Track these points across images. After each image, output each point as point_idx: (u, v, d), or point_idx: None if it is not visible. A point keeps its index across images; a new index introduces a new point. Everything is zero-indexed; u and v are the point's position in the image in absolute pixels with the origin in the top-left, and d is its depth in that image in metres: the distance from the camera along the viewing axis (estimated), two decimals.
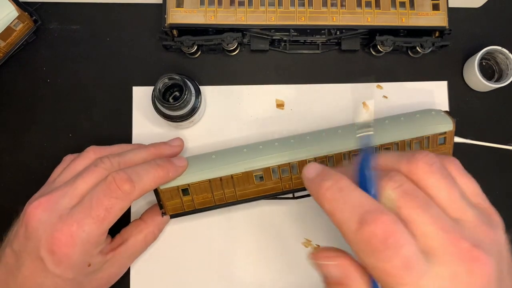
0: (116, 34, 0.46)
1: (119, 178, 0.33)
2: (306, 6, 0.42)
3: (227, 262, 0.42)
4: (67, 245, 0.32)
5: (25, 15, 0.42)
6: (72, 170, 0.36)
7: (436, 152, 0.40)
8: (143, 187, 0.35)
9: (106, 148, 0.39)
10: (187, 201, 0.38)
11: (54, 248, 0.32)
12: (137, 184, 0.34)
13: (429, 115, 0.40)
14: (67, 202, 0.34)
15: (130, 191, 0.34)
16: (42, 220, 0.33)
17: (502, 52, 0.44)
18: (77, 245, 0.33)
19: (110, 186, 0.33)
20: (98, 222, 0.33)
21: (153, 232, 0.40)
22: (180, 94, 0.40)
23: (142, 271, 0.42)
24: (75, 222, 0.33)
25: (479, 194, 0.29)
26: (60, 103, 0.44)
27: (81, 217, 0.33)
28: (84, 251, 0.33)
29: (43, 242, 0.32)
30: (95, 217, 0.33)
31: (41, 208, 0.33)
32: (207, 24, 0.41)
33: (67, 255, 0.32)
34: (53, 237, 0.32)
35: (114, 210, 0.33)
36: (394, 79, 0.46)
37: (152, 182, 0.35)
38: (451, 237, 0.24)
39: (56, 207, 0.33)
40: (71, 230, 0.32)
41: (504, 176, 0.46)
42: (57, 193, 0.34)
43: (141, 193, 0.35)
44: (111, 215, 0.33)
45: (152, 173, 0.35)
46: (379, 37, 0.43)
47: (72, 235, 0.32)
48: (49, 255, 0.32)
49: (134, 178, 0.34)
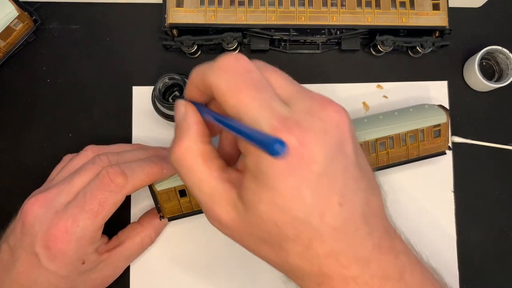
0: (116, 34, 0.46)
1: (112, 171, 0.33)
2: (306, 6, 0.42)
3: (227, 262, 0.42)
4: (62, 241, 0.32)
5: (25, 15, 0.42)
6: (70, 168, 0.37)
7: (432, 145, 0.41)
8: (136, 181, 0.35)
9: (105, 147, 0.39)
10: (184, 202, 0.38)
11: (49, 243, 0.32)
12: (131, 178, 0.34)
13: (423, 108, 0.41)
14: (64, 198, 0.34)
15: (123, 184, 0.34)
16: (39, 216, 0.33)
17: (502, 52, 0.44)
18: (72, 241, 0.33)
19: (103, 180, 0.33)
20: (92, 217, 0.33)
21: (150, 235, 0.40)
22: (180, 94, 0.40)
23: (142, 271, 0.42)
24: (70, 217, 0.33)
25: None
26: (60, 103, 0.44)
27: (76, 212, 0.33)
28: (79, 247, 0.33)
29: (38, 237, 0.33)
30: (89, 211, 0.33)
31: (37, 204, 0.33)
32: (207, 24, 0.41)
33: (62, 251, 0.33)
34: (48, 233, 0.32)
35: (107, 203, 0.33)
36: (394, 79, 0.46)
37: (146, 177, 0.35)
38: (303, 89, 0.26)
39: (53, 204, 0.34)
40: (66, 225, 0.33)
41: (504, 176, 0.46)
42: (54, 190, 0.34)
43: (134, 187, 0.35)
44: (105, 209, 0.33)
45: (146, 169, 0.35)
46: (379, 37, 0.43)
47: (67, 231, 0.33)
48: (44, 251, 0.33)
49: (127, 172, 0.34)
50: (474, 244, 0.44)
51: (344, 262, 0.25)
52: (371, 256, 0.26)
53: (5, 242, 0.35)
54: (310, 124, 0.24)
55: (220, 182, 0.26)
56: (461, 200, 0.45)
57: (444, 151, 0.42)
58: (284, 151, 0.22)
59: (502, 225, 0.45)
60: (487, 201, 0.45)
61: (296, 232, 0.24)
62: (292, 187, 0.23)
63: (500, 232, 0.45)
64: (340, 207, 0.24)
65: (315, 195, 0.24)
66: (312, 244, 0.24)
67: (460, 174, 0.45)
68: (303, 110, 0.25)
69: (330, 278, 0.25)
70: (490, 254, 0.44)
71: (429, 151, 0.41)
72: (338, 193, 0.24)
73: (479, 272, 0.44)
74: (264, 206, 0.24)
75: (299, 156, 0.23)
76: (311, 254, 0.25)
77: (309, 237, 0.24)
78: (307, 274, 0.26)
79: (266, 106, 0.24)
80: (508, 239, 0.45)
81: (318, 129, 0.24)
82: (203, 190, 0.27)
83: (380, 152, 0.40)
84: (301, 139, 0.23)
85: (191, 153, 0.27)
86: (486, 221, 0.45)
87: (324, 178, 0.24)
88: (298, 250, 0.25)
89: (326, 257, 0.25)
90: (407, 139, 0.40)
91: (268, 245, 0.26)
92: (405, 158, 0.41)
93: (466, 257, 0.44)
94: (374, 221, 0.26)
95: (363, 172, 0.26)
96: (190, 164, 0.27)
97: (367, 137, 0.39)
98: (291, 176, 0.23)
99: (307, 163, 0.23)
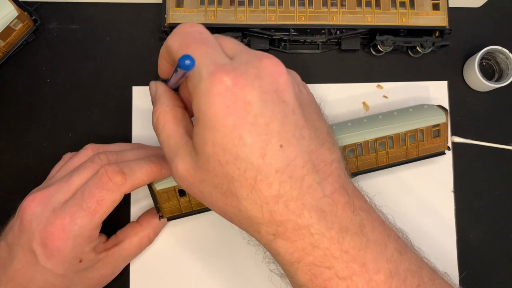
0: (116, 33, 0.46)
1: (110, 170, 0.33)
2: (306, 5, 0.42)
3: (227, 262, 0.42)
4: (59, 239, 0.32)
5: (24, 15, 0.42)
6: (69, 166, 0.37)
7: (431, 145, 0.41)
8: (135, 180, 0.35)
9: (105, 146, 0.39)
10: (184, 202, 0.38)
11: (46, 241, 0.32)
12: (129, 176, 0.34)
13: (422, 108, 0.41)
14: (62, 196, 0.34)
15: (122, 183, 0.34)
16: (36, 213, 0.33)
17: (502, 52, 0.44)
18: (69, 238, 0.33)
19: (102, 178, 0.33)
20: (90, 215, 0.33)
21: (149, 235, 0.40)
22: None
23: (142, 271, 0.42)
24: (68, 215, 0.33)
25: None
26: (59, 102, 0.44)
27: (74, 210, 0.33)
28: (76, 245, 0.33)
29: (36, 235, 0.33)
30: (87, 209, 0.33)
31: (36, 202, 0.33)
32: (207, 23, 0.41)
33: (59, 248, 0.33)
34: (45, 231, 0.33)
35: (105, 202, 0.33)
36: (394, 79, 0.46)
37: (145, 176, 0.35)
38: (247, 48, 0.30)
39: (51, 201, 0.34)
40: (63, 223, 0.33)
41: (504, 176, 0.46)
42: (52, 188, 0.34)
43: (132, 186, 0.35)
44: (102, 207, 0.33)
45: (145, 168, 0.35)
46: (379, 37, 0.43)
47: (64, 229, 0.32)
48: (41, 248, 0.33)
49: (126, 170, 0.34)
50: (474, 244, 0.44)
51: (293, 208, 0.26)
52: (324, 207, 0.26)
53: (3, 240, 0.35)
54: (245, 70, 0.26)
55: (184, 137, 0.29)
56: (461, 200, 0.45)
57: (443, 151, 0.42)
58: (193, 64, 0.25)
59: (502, 225, 0.45)
60: (487, 201, 0.45)
61: (240, 172, 0.26)
62: (231, 125, 0.25)
63: (500, 232, 0.45)
64: (281, 148, 0.26)
65: (253, 134, 0.25)
66: (258, 184, 0.26)
67: (460, 174, 0.45)
68: (241, 61, 0.27)
69: (284, 227, 0.26)
70: (490, 254, 0.44)
71: (428, 151, 0.41)
72: (277, 135, 0.26)
73: (479, 272, 0.44)
74: (208, 147, 0.26)
75: (234, 95, 0.25)
76: (258, 197, 0.26)
77: (253, 177, 0.26)
78: (261, 222, 0.27)
79: (208, 56, 0.27)
80: (508, 239, 0.45)
81: (251, 74, 0.26)
82: (170, 144, 0.30)
83: (380, 152, 0.40)
84: (235, 80, 0.26)
85: (163, 113, 0.31)
86: (486, 221, 0.45)
87: (260, 118, 0.26)
88: (245, 193, 0.26)
89: (274, 201, 0.26)
90: (406, 139, 0.40)
91: (220, 192, 0.27)
92: (404, 158, 0.41)
93: (466, 257, 0.44)
94: (325, 173, 0.27)
95: (308, 123, 0.28)
96: (163, 123, 0.30)
97: (367, 137, 0.39)
98: (228, 115, 0.25)
99: (242, 103, 0.25)
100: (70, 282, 0.35)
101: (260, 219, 0.27)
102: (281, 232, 0.26)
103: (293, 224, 0.26)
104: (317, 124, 0.29)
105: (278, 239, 0.27)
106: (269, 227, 0.27)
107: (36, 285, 0.33)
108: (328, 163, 0.28)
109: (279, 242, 0.27)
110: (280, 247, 0.27)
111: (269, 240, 0.27)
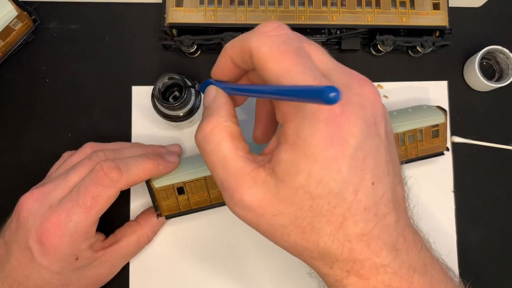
0: (116, 33, 0.46)
1: (106, 166, 0.33)
2: (306, 5, 0.42)
3: (226, 261, 0.42)
4: (55, 235, 0.32)
5: (24, 15, 0.42)
6: (68, 164, 0.37)
7: (430, 145, 0.41)
8: (131, 176, 0.34)
9: (104, 144, 0.39)
10: (182, 200, 0.38)
11: (42, 238, 0.32)
12: (125, 172, 0.34)
13: (421, 109, 0.41)
14: (59, 193, 0.34)
15: (117, 178, 0.34)
16: (33, 210, 0.33)
17: (502, 51, 0.44)
18: (65, 235, 0.33)
19: (98, 174, 0.33)
20: (86, 211, 0.33)
21: (147, 234, 0.39)
22: (180, 94, 0.40)
23: (142, 271, 0.42)
24: (64, 211, 0.33)
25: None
26: (59, 102, 0.44)
27: (69, 207, 0.33)
28: (72, 242, 0.33)
29: (32, 232, 0.33)
30: (82, 205, 0.33)
31: (32, 199, 0.33)
32: (207, 23, 0.41)
33: (55, 245, 0.33)
34: (41, 227, 0.33)
35: (101, 198, 0.33)
36: (394, 78, 0.46)
37: (141, 173, 0.35)
38: (340, 65, 0.27)
39: (48, 198, 0.34)
40: (59, 220, 0.33)
41: (504, 176, 0.46)
42: (49, 185, 0.34)
43: (128, 182, 0.34)
44: (98, 203, 0.33)
45: (141, 164, 0.35)
46: (380, 37, 0.43)
47: (60, 225, 0.32)
48: (37, 245, 0.33)
49: (122, 167, 0.34)
50: (474, 244, 0.44)
51: (374, 248, 0.25)
52: (398, 245, 0.25)
53: (1, 237, 0.35)
54: (350, 98, 0.24)
55: (247, 161, 0.26)
56: (461, 200, 0.45)
57: (442, 151, 0.42)
58: (339, 98, 0.19)
59: (502, 225, 0.45)
60: (487, 201, 0.45)
61: (330, 207, 0.24)
62: (331, 157, 0.23)
63: (500, 232, 0.45)
64: (373, 186, 0.24)
65: (351, 169, 0.23)
66: (344, 222, 0.24)
67: (460, 174, 0.45)
68: (341, 84, 0.24)
69: (361, 264, 0.25)
70: (490, 254, 0.44)
71: (427, 151, 0.41)
72: (371, 171, 0.24)
73: (479, 272, 0.44)
74: (301, 177, 0.23)
75: (339, 125, 0.23)
76: (342, 235, 0.24)
77: (342, 214, 0.24)
78: (337, 259, 0.25)
79: (309, 73, 0.24)
80: (508, 239, 0.45)
81: (356, 103, 0.24)
82: (228, 168, 0.26)
83: None
84: (343, 107, 0.23)
85: (220, 129, 0.26)
86: (486, 221, 0.45)
87: (360, 152, 0.24)
88: (329, 229, 0.24)
89: (357, 240, 0.24)
90: (405, 139, 0.40)
91: (297, 226, 0.25)
92: (404, 158, 0.41)
93: (466, 257, 0.44)
94: (400, 210, 0.26)
95: (392, 158, 0.26)
96: (217, 141, 0.26)
97: None
98: (331, 146, 0.23)
99: (345, 134, 0.23)
100: (67, 280, 0.35)
101: (338, 256, 0.25)
102: (355, 269, 0.25)
103: (370, 262, 0.25)
104: (395, 157, 0.27)
105: (351, 276, 0.25)
106: (345, 264, 0.25)
107: (33, 282, 0.33)
108: (402, 199, 0.27)
109: (351, 280, 0.26)
110: (351, 284, 0.26)
111: (342, 277, 0.26)
